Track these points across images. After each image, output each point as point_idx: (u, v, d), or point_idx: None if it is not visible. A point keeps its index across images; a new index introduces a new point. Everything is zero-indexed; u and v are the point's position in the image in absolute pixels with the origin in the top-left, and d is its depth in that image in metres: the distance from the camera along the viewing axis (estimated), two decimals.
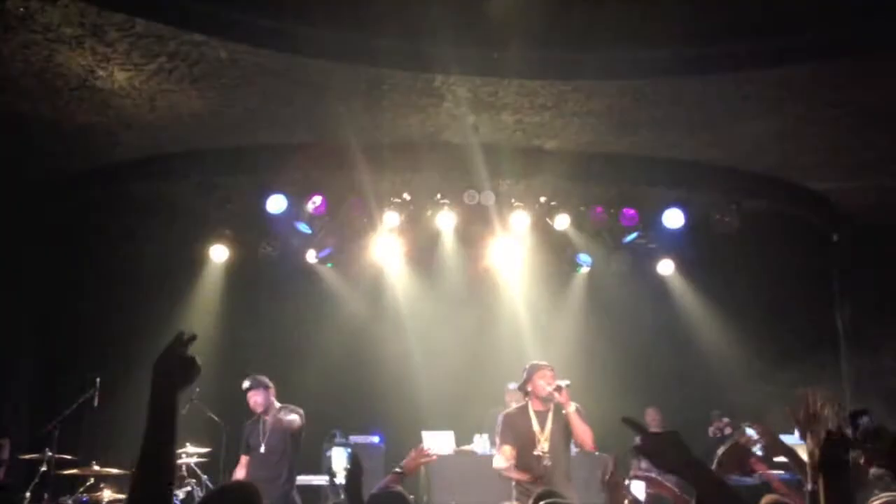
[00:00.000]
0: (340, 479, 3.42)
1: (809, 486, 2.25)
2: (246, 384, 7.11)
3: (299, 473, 8.04)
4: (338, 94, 7.07)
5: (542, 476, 5.67)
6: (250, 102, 7.17)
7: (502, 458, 5.87)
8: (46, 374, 8.81)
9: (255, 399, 7.07)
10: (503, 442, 5.91)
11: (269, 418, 7.07)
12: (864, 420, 2.07)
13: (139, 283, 9.10)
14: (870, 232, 9.45)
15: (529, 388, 5.98)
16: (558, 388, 5.78)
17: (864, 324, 9.52)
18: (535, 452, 5.78)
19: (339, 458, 3.43)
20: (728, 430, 8.69)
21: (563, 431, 5.85)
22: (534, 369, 6.00)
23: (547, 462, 5.74)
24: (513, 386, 9.08)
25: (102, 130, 7.59)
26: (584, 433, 5.79)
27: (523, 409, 6.00)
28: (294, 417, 7.09)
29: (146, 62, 6.36)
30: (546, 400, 5.87)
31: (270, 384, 7.21)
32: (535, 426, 5.86)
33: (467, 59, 6.52)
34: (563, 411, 5.78)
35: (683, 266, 9.65)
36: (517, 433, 5.89)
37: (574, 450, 6.38)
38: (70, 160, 8.24)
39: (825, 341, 9.63)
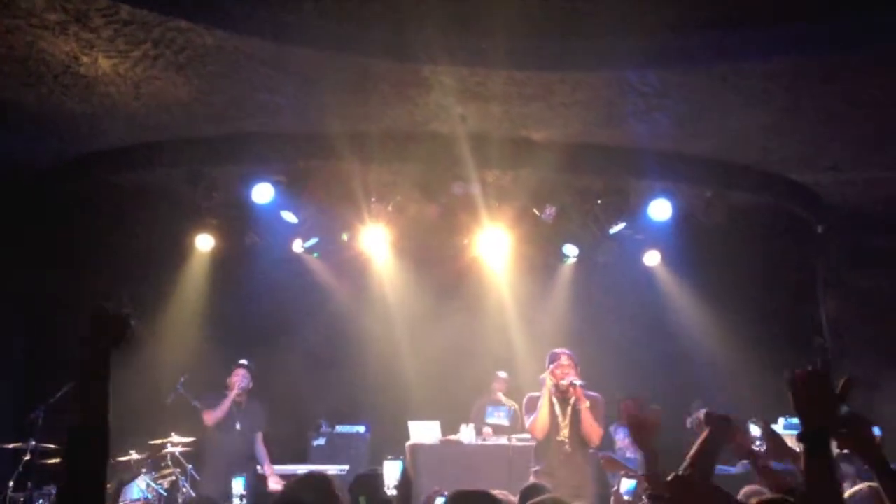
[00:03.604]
0: (392, 490, 3.52)
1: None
2: (245, 362, 7.96)
3: (284, 463, 8.11)
4: (325, 84, 7.02)
5: (563, 461, 5.90)
6: (236, 90, 7.11)
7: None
8: (30, 363, 8.76)
9: (244, 381, 7.87)
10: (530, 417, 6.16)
11: (242, 401, 7.87)
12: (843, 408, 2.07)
13: (124, 273, 9.04)
14: (854, 224, 9.51)
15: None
16: (572, 386, 5.98)
17: (847, 315, 9.59)
18: (558, 438, 5.99)
19: (391, 472, 3.51)
20: None
21: (580, 422, 6.03)
22: (553, 358, 6.23)
23: (568, 448, 5.95)
24: (503, 374, 9.17)
25: (86, 118, 7.52)
26: (590, 429, 5.98)
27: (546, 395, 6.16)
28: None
29: (131, 49, 6.28)
30: (564, 390, 6.07)
31: None
32: (558, 412, 6.05)
33: (455, 49, 6.48)
34: (577, 407, 5.99)
35: (669, 257, 9.68)
36: None
37: None
38: (54, 148, 8.17)
39: (809, 332, 9.70)
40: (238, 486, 6.58)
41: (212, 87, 7.01)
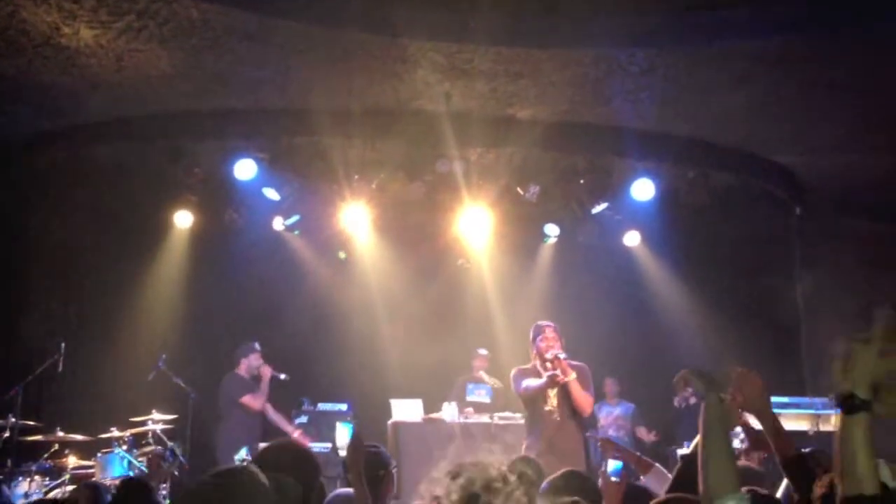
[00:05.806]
0: (343, 453, 3.50)
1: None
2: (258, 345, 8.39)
3: (266, 440, 8.08)
4: (310, 59, 6.95)
5: (555, 431, 5.92)
6: (220, 65, 7.00)
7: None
8: (9, 339, 8.64)
9: None
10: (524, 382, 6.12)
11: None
12: None
13: (102, 248, 8.94)
14: (831, 206, 9.62)
15: (534, 351, 6.22)
16: (556, 359, 5.95)
17: (822, 295, 9.73)
18: (546, 408, 6.00)
19: (342, 434, 3.54)
20: (693, 400, 8.81)
21: (569, 394, 6.03)
22: (537, 331, 6.23)
23: (557, 417, 5.97)
24: (483, 352, 9.20)
25: (66, 90, 7.38)
26: (581, 399, 6.00)
27: (533, 368, 6.21)
28: None
29: (114, 20, 6.17)
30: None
31: None
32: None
33: (443, 25, 6.44)
34: (561, 380, 5.94)
35: (649, 237, 9.74)
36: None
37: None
38: (33, 121, 8.01)
39: (786, 311, 9.84)
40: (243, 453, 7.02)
41: (195, 61, 6.91)
